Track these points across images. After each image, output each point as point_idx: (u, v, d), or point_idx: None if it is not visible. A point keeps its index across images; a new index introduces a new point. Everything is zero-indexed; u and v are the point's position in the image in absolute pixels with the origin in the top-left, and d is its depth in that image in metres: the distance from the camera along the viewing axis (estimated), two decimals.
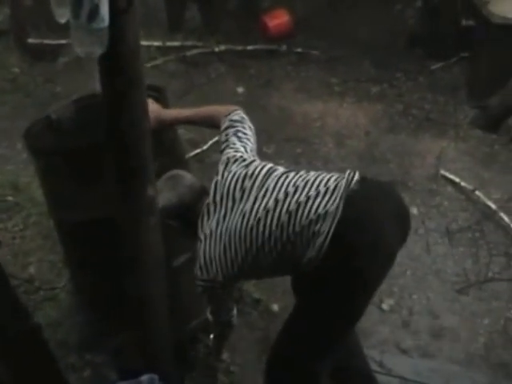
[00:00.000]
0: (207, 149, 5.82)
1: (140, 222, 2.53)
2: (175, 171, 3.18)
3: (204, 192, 3.08)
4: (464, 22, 6.96)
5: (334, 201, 2.75)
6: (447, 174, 5.46)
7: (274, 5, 8.21)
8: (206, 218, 2.98)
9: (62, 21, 2.05)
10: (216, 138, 5.80)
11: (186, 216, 3.07)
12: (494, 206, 5.05)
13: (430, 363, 3.95)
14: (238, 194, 2.95)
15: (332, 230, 2.70)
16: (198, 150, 5.76)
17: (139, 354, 3.09)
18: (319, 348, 2.89)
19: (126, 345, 3.55)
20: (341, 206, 2.73)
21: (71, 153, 3.16)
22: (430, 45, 7.25)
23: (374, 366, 3.72)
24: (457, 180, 5.39)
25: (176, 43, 7.55)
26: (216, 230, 2.93)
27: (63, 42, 7.27)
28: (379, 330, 4.13)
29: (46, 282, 4.43)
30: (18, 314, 2.78)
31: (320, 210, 2.75)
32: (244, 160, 3.07)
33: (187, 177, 3.15)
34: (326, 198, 2.77)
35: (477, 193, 5.20)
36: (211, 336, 3.59)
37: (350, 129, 6.21)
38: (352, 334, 3.24)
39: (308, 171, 3.00)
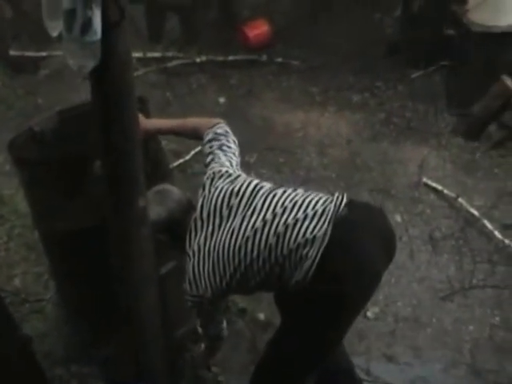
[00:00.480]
0: (190, 159, 5.83)
1: (131, 233, 2.54)
2: (162, 185, 3.19)
3: (192, 207, 3.09)
4: (444, 31, 7.01)
5: (322, 225, 2.78)
6: (430, 182, 5.50)
7: (253, 15, 8.24)
8: (193, 233, 2.99)
9: (55, 34, 2.06)
10: (198, 149, 5.81)
11: (175, 230, 3.08)
12: (476, 213, 5.09)
13: (417, 370, 3.97)
14: (225, 212, 2.96)
15: (319, 254, 2.73)
16: (181, 161, 5.77)
17: (128, 365, 3.10)
18: (311, 363, 2.92)
19: (114, 355, 3.55)
20: (329, 231, 2.76)
21: (55, 163, 3.15)
22: (409, 53, 7.30)
23: (360, 374, 3.74)
24: (439, 187, 5.42)
25: (157, 54, 7.55)
26: (204, 247, 2.95)
27: (44, 54, 7.27)
28: (365, 338, 4.14)
29: (32, 293, 4.41)
30: (9, 326, 2.78)
31: (308, 234, 2.77)
32: (230, 175, 3.08)
33: (175, 191, 3.16)
34: (314, 222, 2.80)
35: (459, 200, 5.23)
36: (202, 347, 3.60)
37: (332, 138, 6.24)
38: None
39: (296, 189, 3.02)
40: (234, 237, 2.88)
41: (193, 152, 5.81)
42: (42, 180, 3.28)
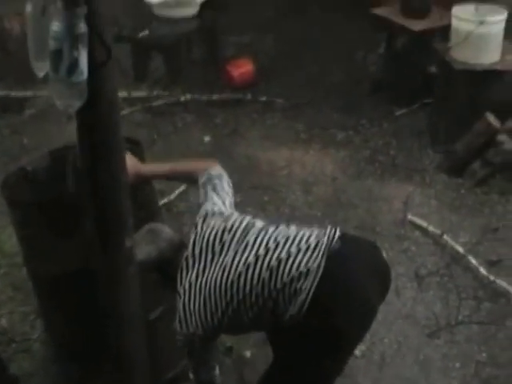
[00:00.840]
0: (174, 198, 5.84)
1: (119, 273, 2.54)
2: (154, 224, 3.20)
3: (183, 246, 3.10)
4: (427, 68, 7.07)
5: (316, 259, 2.79)
6: (415, 219, 5.52)
7: (237, 54, 8.29)
8: (185, 271, 3.00)
9: (41, 74, 2.08)
10: (182, 188, 5.84)
11: (166, 270, 3.08)
12: (462, 250, 5.11)
13: None
14: (217, 247, 2.97)
15: (314, 288, 2.73)
16: (166, 200, 5.77)
17: None
18: None
19: None
20: (322, 264, 2.77)
21: (47, 204, 3.16)
22: (393, 91, 7.36)
23: None
24: (424, 224, 5.44)
25: (142, 93, 7.58)
26: (196, 283, 2.95)
27: (29, 93, 7.29)
28: (352, 376, 4.13)
29: (19, 333, 4.39)
30: None
31: (302, 267, 2.78)
32: (222, 213, 3.10)
33: (166, 230, 3.17)
34: (308, 256, 2.81)
35: (445, 237, 5.25)
36: None
37: (317, 176, 6.26)
38: None
39: (288, 225, 3.03)
40: (227, 272, 2.89)
41: (177, 191, 5.83)
42: (34, 220, 3.29)
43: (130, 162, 2.99)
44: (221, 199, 3.20)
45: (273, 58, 8.45)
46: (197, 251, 3.00)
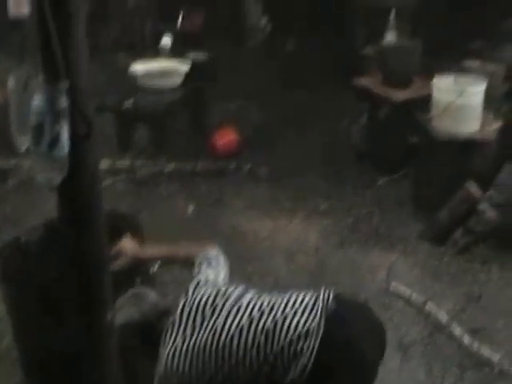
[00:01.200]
0: (158, 268, 5.81)
1: (101, 347, 2.51)
2: (139, 288, 3.17)
3: (168, 312, 3.03)
4: (409, 138, 7.15)
5: (314, 318, 2.76)
6: (398, 288, 5.52)
7: (221, 123, 8.36)
8: (170, 333, 2.90)
9: (23, 148, 2.10)
10: None
11: (148, 334, 3.01)
12: (445, 318, 5.10)
13: None
14: (208, 311, 2.90)
15: (316, 348, 2.69)
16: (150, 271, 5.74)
17: None
18: None
19: None
20: (322, 323, 2.74)
21: (42, 283, 3.14)
22: (376, 160, 7.43)
23: None
24: (408, 293, 5.44)
25: (126, 163, 7.62)
26: (182, 346, 2.85)
27: (13, 163, 7.30)
28: None
29: None
30: None
31: (300, 328, 2.74)
32: (215, 285, 3.07)
33: (152, 295, 3.13)
34: (305, 317, 2.78)
35: (428, 305, 5.25)
36: None
37: (300, 245, 6.27)
38: None
39: (283, 291, 3.02)
40: (217, 335, 2.81)
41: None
42: (27, 298, 3.26)
43: (129, 245, 2.99)
44: (215, 273, 3.19)
45: (257, 127, 8.54)
46: (185, 314, 2.91)
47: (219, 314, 2.88)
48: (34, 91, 1.96)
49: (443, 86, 6.41)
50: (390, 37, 8.33)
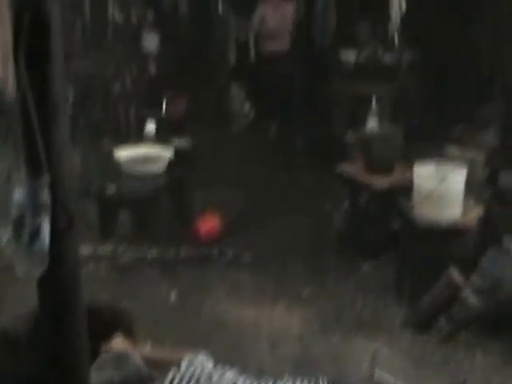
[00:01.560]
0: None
1: None
2: (123, 350, 3.04)
3: (151, 380, 2.94)
4: (392, 224, 7.18)
5: None
6: (382, 376, 5.46)
7: (204, 209, 8.37)
8: None
9: (4, 240, 2.08)
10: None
11: None
12: None
13: None
14: None
15: None
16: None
17: None
18: None
19: None
20: None
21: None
22: (358, 246, 7.43)
23: None
24: (392, 381, 5.39)
25: (108, 249, 7.59)
26: None
27: None
28: None
29: None
30: None
31: None
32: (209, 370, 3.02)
33: (135, 360, 3.01)
34: None
35: None
36: None
37: (284, 333, 6.22)
38: None
39: (274, 381, 2.97)
40: None
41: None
42: None
43: (120, 345, 2.93)
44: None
45: (239, 213, 8.55)
46: None
47: None
48: (15, 184, 1.95)
49: (424, 173, 6.47)
50: (372, 123, 8.44)
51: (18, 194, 1.97)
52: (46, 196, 1.95)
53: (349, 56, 11.19)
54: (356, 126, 8.93)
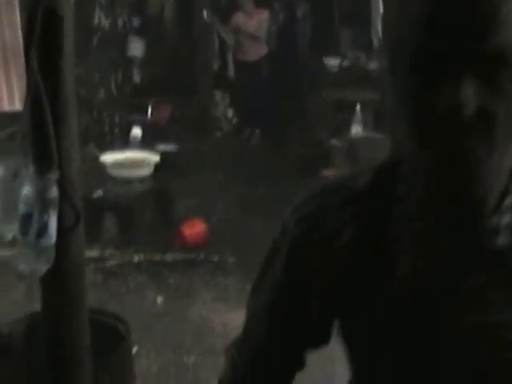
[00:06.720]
0: None
1: None
2: None
3: None
4: None
5: None
6: None
7: (190, 214, 8.37)
8: None
9: (9, 237, 2.08)
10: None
11: None
12: None
13: None
14: None
15: None
16: None
17: None
18: None
19: None
20: None
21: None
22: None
23: None
24: None
25: (94, 253, 7.55)
26: None
27: None
28: None
29: None
30: None
31: None
32: None
33: None
34: None
35: None
36: None
37: None
38: None
39: None
40: None
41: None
42: None
43: None
44: None
45: (225, 219, 8.55)
46: None
47: None
48: (23, 181, 1.95)
49: None
50: (356, 129, 8.48)
51: (26, 191, 1.96)
52: (54, 192, 1.94)
53: (331, 62, 11.26)
54: (339, 132, 8.97)
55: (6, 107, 6.12)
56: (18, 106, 6.00)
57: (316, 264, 1.56)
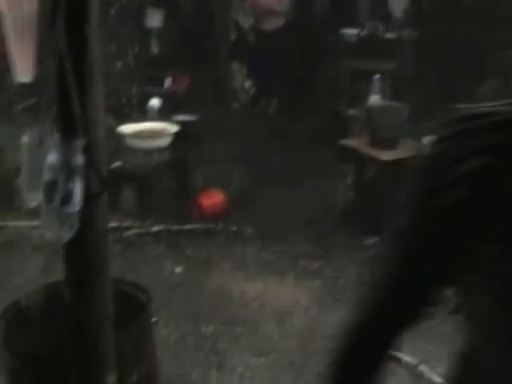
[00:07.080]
0: None
1: None
2: None
3: None
4: (396, 198, 7.17)
5: None
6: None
7: (208, 184, 8.37)
8: None
9: (33, 204, 2.09)
10: None
11: None
12: (439, 380, 5.06)
13: None
14: None
15: None
16: None
17: None
18: None
19: None
20: None
21: (41, 358, 3.06)
22: (363, 220, 7.42)
23: None
24: (399, 355, 5.39)
25: (112, 224, 7.56)
26: None
27: None
28: None
29: None
30: None
31: None
32: None
33: None
34: None
35: (421, 367, 5.21)
36: None
37: (290, 306, 6.22)
38: None
39: None
40: None
41: None
42: (30, 370, 3.18)
43: None
44: None
45: (243, 189, 8.55)
46: None
47: None
48: (48, 148, 1.95)
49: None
50: (374, 99, 8.43)
51: (51, 159, 1.96)
52: (79, 160, 1.94)
53: (349, 32, 11.19)
54: (357, 102, 8.93)
55: (24, 79, 6.14)
56: (30, 77, 6.03)
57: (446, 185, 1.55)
